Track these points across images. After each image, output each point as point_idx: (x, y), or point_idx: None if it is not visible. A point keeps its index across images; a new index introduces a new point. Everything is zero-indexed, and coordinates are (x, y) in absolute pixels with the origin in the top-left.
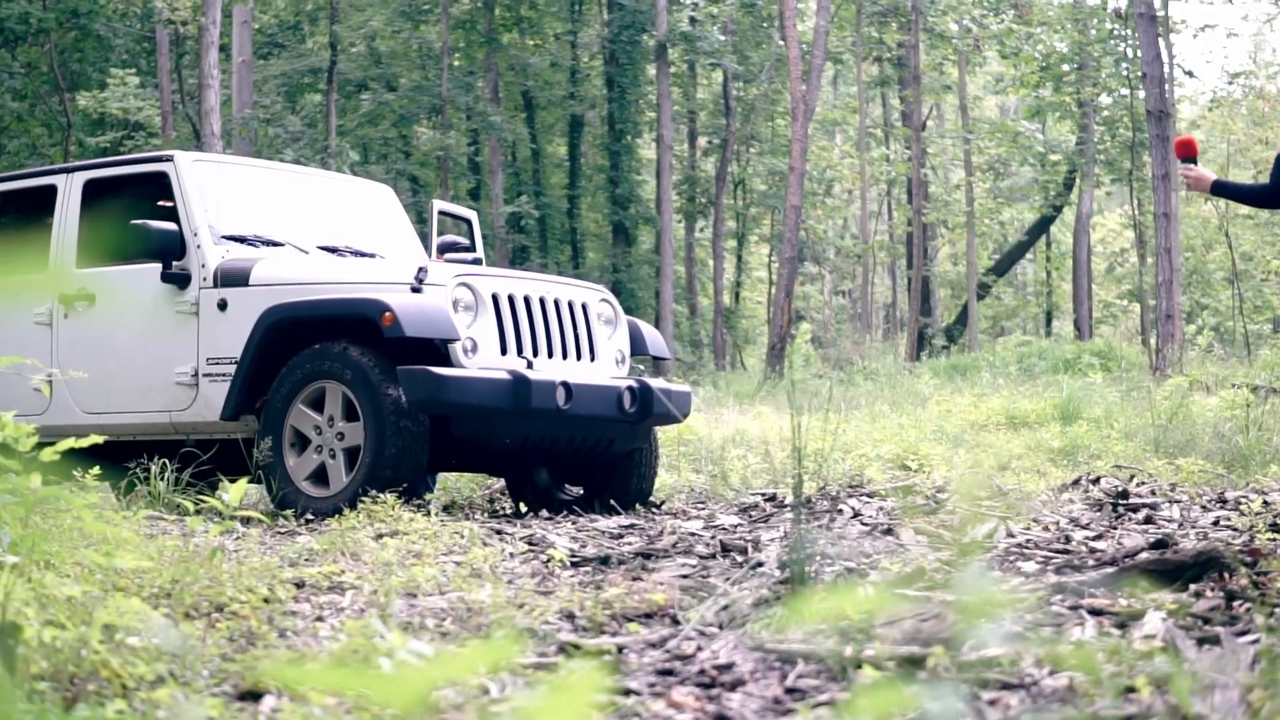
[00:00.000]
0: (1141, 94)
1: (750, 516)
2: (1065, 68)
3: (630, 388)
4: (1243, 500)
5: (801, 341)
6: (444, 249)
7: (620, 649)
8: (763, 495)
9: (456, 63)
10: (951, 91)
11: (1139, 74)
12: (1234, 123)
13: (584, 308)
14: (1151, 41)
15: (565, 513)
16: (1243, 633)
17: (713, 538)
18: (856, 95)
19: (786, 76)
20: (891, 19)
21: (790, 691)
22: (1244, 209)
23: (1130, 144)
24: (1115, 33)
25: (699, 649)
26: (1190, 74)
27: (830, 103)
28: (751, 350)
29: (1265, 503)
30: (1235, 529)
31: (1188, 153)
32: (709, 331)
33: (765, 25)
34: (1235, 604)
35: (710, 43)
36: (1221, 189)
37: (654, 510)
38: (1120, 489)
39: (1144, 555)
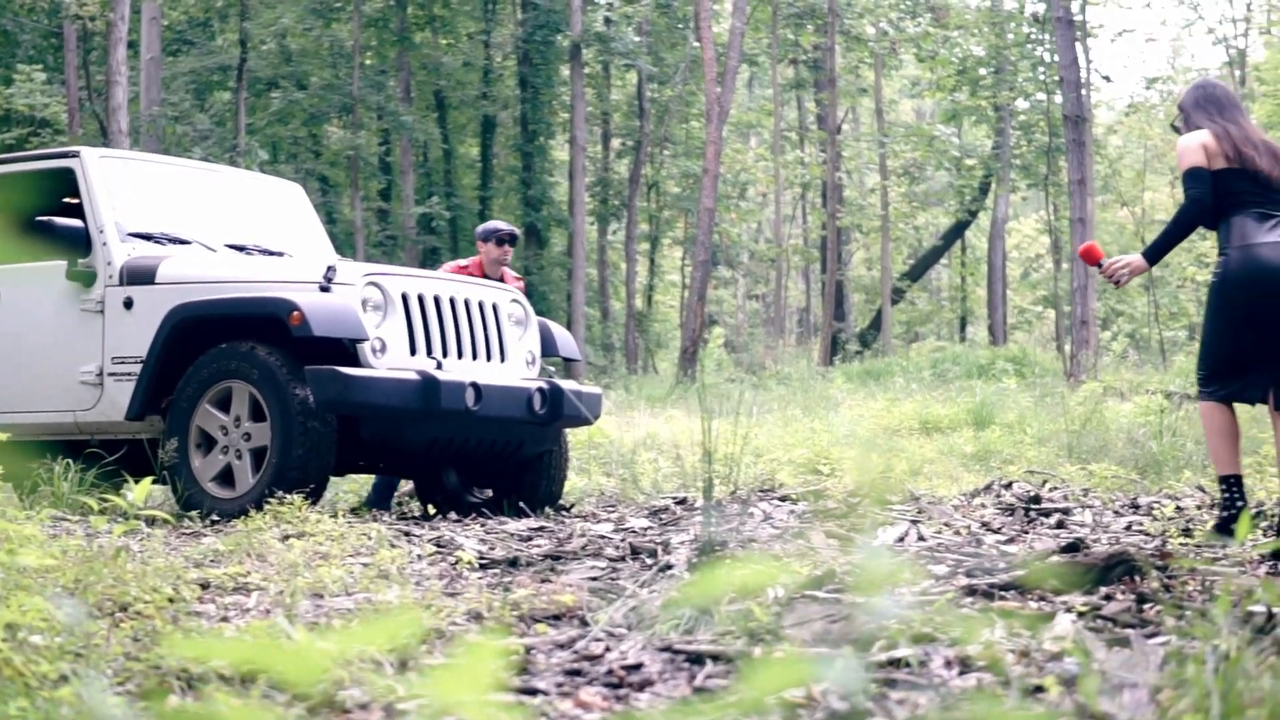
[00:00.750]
0: (1058, 99)
1: (660, 519)
2: (982, 72)
3: (540, 389)
4: (1155, 505)
5: (714, 345)
6: (486, 235)
7: (528, 650)
8: (673, 498)
9: (368, 61)
10: (867, 95)
11: (1056, 79)
12: (1150, 128)
13: (494, 308)
14: (1069, 46)
15: (474, 515)
16: (1152, 635)
17: (622, 540)
18: (772, 98)
19: (701, 78)
20: (808, 21)
21: (698, 691)
22: (1161, 214)
23: (1046, 149)
24: (1033, 37)
25: (607, 650)
26: (1107, 79)
27: (745, 105)
28: (664, 354)
29: (1178, 508)
30: (1147, 534)
31: (1094, 257)
32: (621, 335)
33: (680, 26)
34: (1145, 606)
35: (625, 44)
36: (1155, 251)
37: (563, 513)
38: (1033, 494)
39: (1055, 559)
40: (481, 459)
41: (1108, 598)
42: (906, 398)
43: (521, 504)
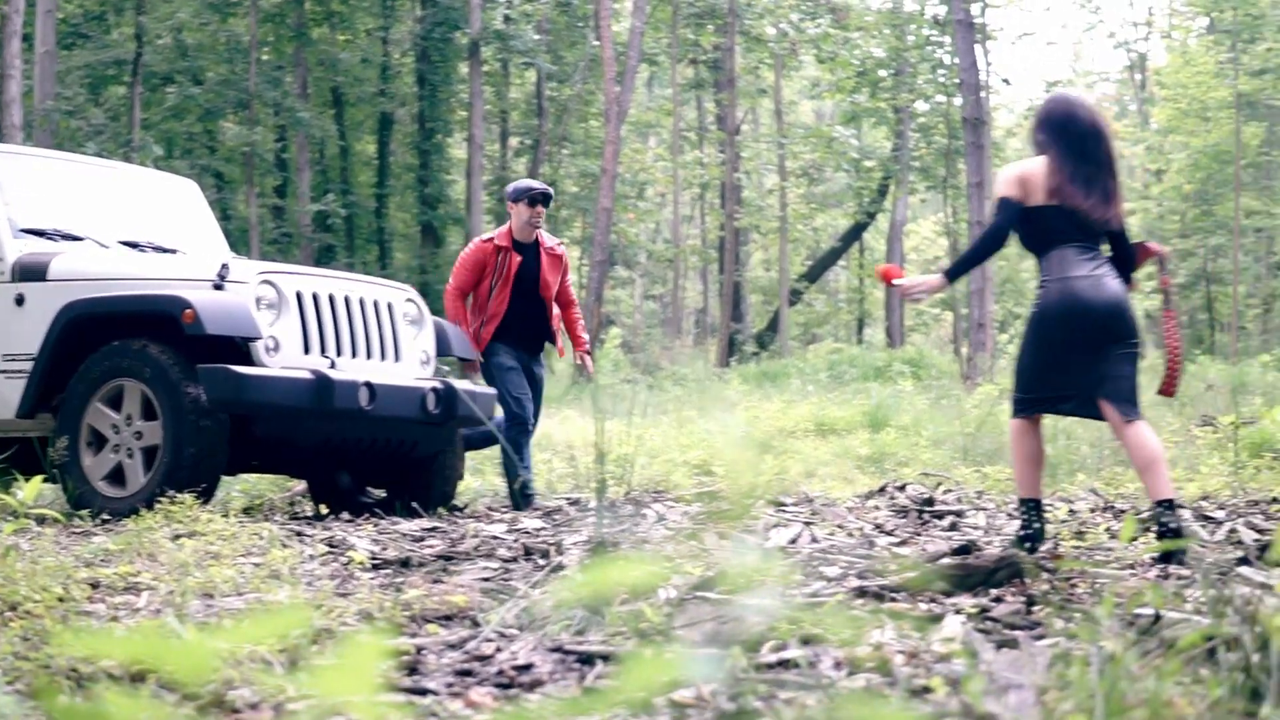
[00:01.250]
0: (958, 101)
1: (554, 520)
2: (882, 74)
3: (435, 389)
4: (1048, 508)
5: (611, 346)
6: (517, 195)
7: (419, 649)
8: (567, 499)
9: (265, 57)
10: (767, 95)
11: (956, 81)
12: None
13: (389, 308)
14: (969, 49)
15: (367, 515)
16: (1040, 636)
17: (515, 541)
18: (671, 97)
19: (601, 77)
20: (708, 21)
21: (589, 691)
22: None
23: (945, 151)
24: (933, 39)
25: (498, 650)
26: (1007, 82)
27: (644, 105)
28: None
29: (1071, 511)
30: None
31: (892, 277)
32: None
33: (580, 25)
34: (1034, 608)
35: (524, 42)
36: (955, 272)
37: (456, 513)
38: (926, 496)
39: (946, 560)
40: (375, 459)
41: (997, 600)
42: (803, 399)
43: (414, 504)
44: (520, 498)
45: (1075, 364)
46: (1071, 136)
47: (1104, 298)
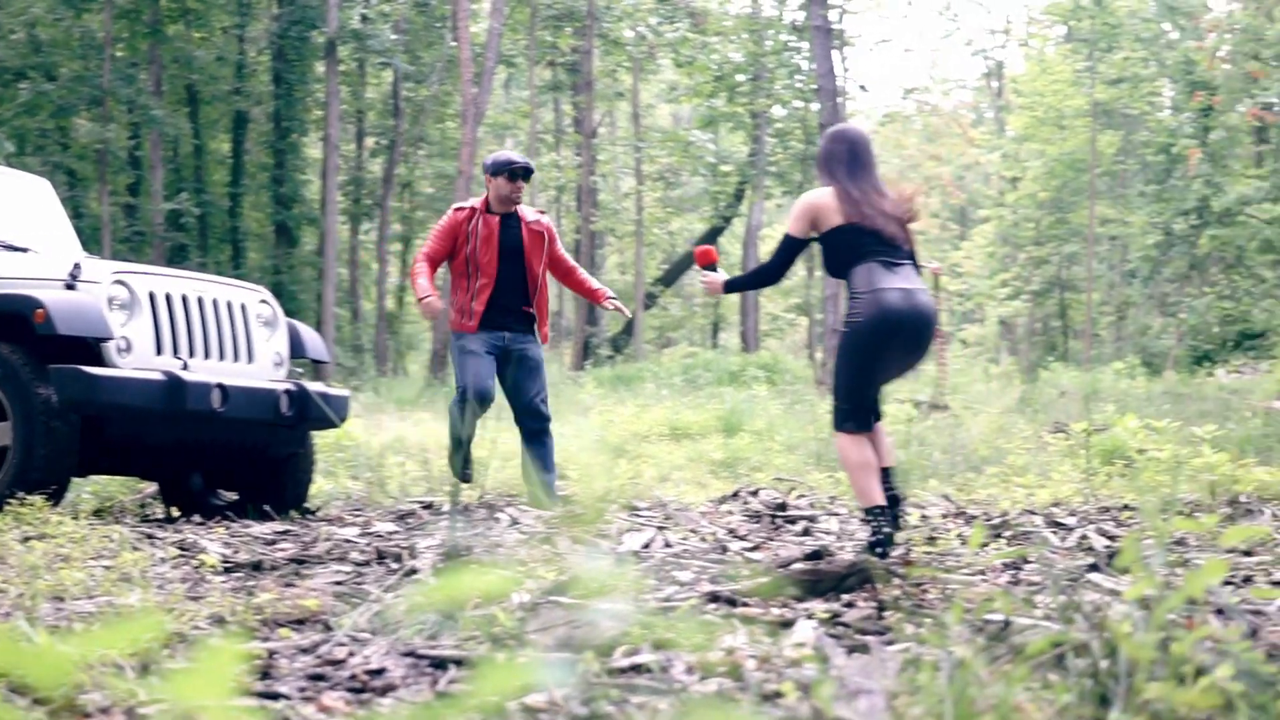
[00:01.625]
0: (815, 107)
1: (407, 524)
2: (740, 78)
3: (288, 391)
4: (900, 514)
5: None
6: (497, 168)
7: (271, 654)
8: (420, 503)
9: (119, 53)
10: (625, 99)
11: (813, 87)
12: (906, 138)
13: (243, 309)
14: (826, 55)
15: (218, 517)
16: (892, 642)
17: (368, 544)
18: (528, 99)
19: (458, 78)
20: (566, 24)
21: (441, 696)
22: (915, 224)
23: (802, 157)
24: (790, 45)
25: (350, 654)
26: (864, 88)
27: (501, 106)
28: (415, 356)
29: (923, 516)
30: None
31: (707, 260)
32: (371, 336)
33: (438, 26)
34: (886, 614)
35: (381, 41)
36: (733, 287)
37: (309, 516)
38: (780, 501)
39: (799, 566)
40: (227, 461)
41: (849, 605)
42: (657, 403)
43: (267, 507)
44: (461, 473)
45: (883, 374)
46: (855, 168)
47: (916, 309)
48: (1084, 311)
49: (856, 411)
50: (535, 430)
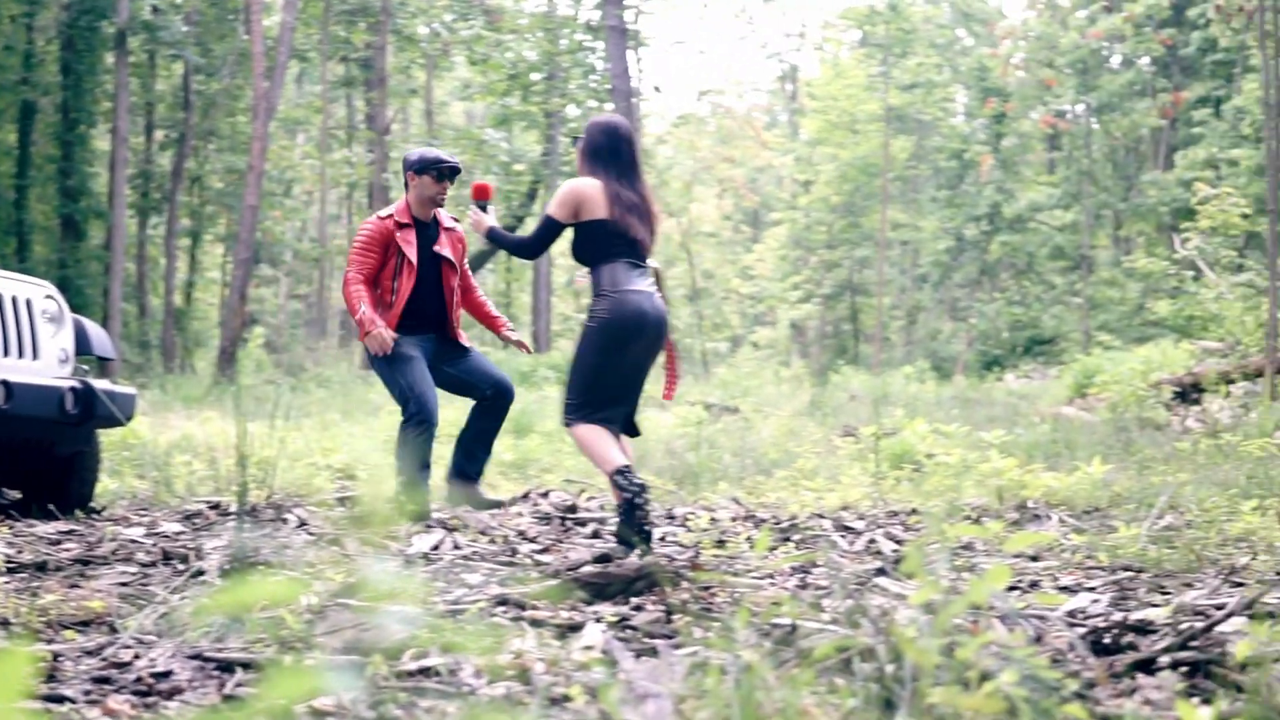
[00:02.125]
0: (610, 107)
1: (194, 524)
2: (534, 77)
3: (73, 389)
4: (690, 516)
5: (254, 346)
6: (421, 166)
7: (55, 656)
8: (207, 503)
9: None
10: (418, 96)
11: (608, 87)
12: (699, 140)
13: (28, 304)
14: (621, 55)
15: (1, 517)
16: (680, 645)
17: (154, 545)
18: (321, 94)
19: (250, 72)
20: (360, 19)
21: (228, 699)
22: (708, 226)
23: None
24: (585, 45)
25: (136, 657)
26: (658, 89)
27: (293, 101)
28: (202, 353)
29: (713, 520)
30: (682, 545)
31: (481, 196)
32: (159, 332)
33: (230, 18)
34: (674, 618)
35: (172, 33)
36: (493, 236)
37: (94, 516)
38: (569, 503)
39: (588, 569)
40: (10, 459)
41: (637, 609)
42: (447, 403)
43: (51, 506)
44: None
45: (621, 373)
46: (620, 165)
47: (657, 314)
48: (875, 315)
49: (588, 405)
50: (498, 398)
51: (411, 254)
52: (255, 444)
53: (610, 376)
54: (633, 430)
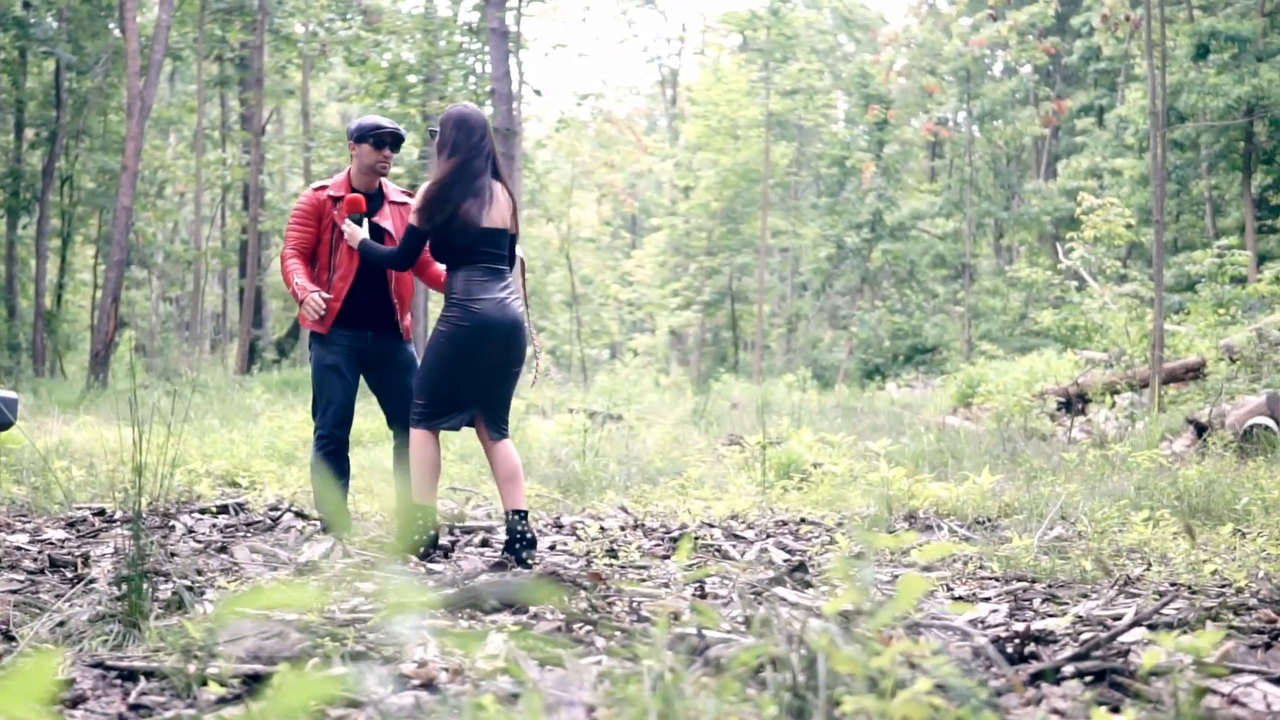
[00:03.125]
0: (490, 110)
1: (79, 531)
2: (412, 79)
3: None
4: (579, 525)
5: (125, 349)
6: (361, 134)
7: None
8: (91, 509)
9: None
10: (295, 96)
11: (488, 90)
12: (579, 144)
13: None
14: (502, 57)
15: None
16: (584, 654)
17: (40, 552)
18: (195, 94)
19: (123, 70)
20: (236, 18)
21: (135, 708)
22: (587, 231)
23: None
24: (465, 46)
25: None
26: (538, 93)
27: (166, 100)
28: (72, 356)
29: (602, 528)
30: (572, 554)
31: (354, 209)
32: (28, 334)
33: (103, 15)
34: (574, 627)
35: (44, 29)
36: (365, 250)
37: None
38: (456, 511)
39: (484, 578)
40: None
41: (535, 617)
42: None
43: None
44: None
45: (472, 381)
46: (473, 155)
47: (508, 319)
48: (755, 323)
49: (433, 409)
50: (409, 443)
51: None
52: (134, 450)
53: (455, 382)
54: (501, 432)
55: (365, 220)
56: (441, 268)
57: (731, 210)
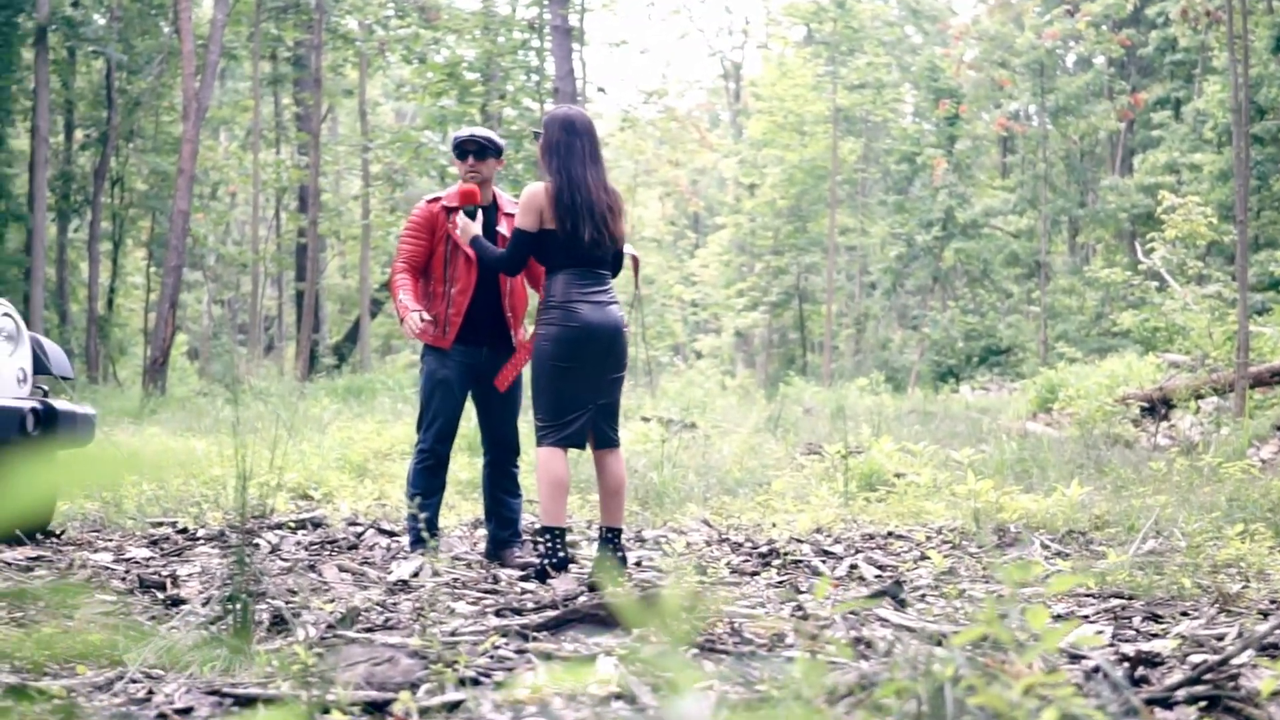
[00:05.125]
0: (551, 108)
1: (162, 549)
2: (472, 77)
3: (34, 409)
4: (663, 539)
5: (176, 354)
6: (452, 146)
7: (70, 692)
8: (172, 525)
9: None
10: (352, 95)
11: (550, 88)
12: (644, 142)
13: None
14: (565, 56)
15: None
16: (695, 679)
17: (127, 572)
18: (249, 92)
19: (176, 70)
20: (292, 15)
21: None
22: (650, 230)
23: (535, 160)
24: (527, 44)
25: (150, 693)
26: (602, 90)
27: (218, 99)
28: (124, 362)
29: (688, 544)
30: (660, 570)
31: (468, 201)
32: (81, 340)
33: (154, 13)
34: (680, 649)
35: (94, 29)
36: (477, 246)
37: (56, 540)
38: (538, 525)
39: (584, 600)
40: None
41: (643, 640)
42: (396, 419)
43: (18, 531)
44: (417, 536)
45: (580, 385)
46: (576, 160)
47: (609, 323)
48: (823, 323)
49: (556, 424)
50: (500, 461)
51: (454, 240)
52: (209, 462)
53: (568, 388)
54: (611, 441)
55: (479, 214)
56: (541, 269)
57: (798, 208)
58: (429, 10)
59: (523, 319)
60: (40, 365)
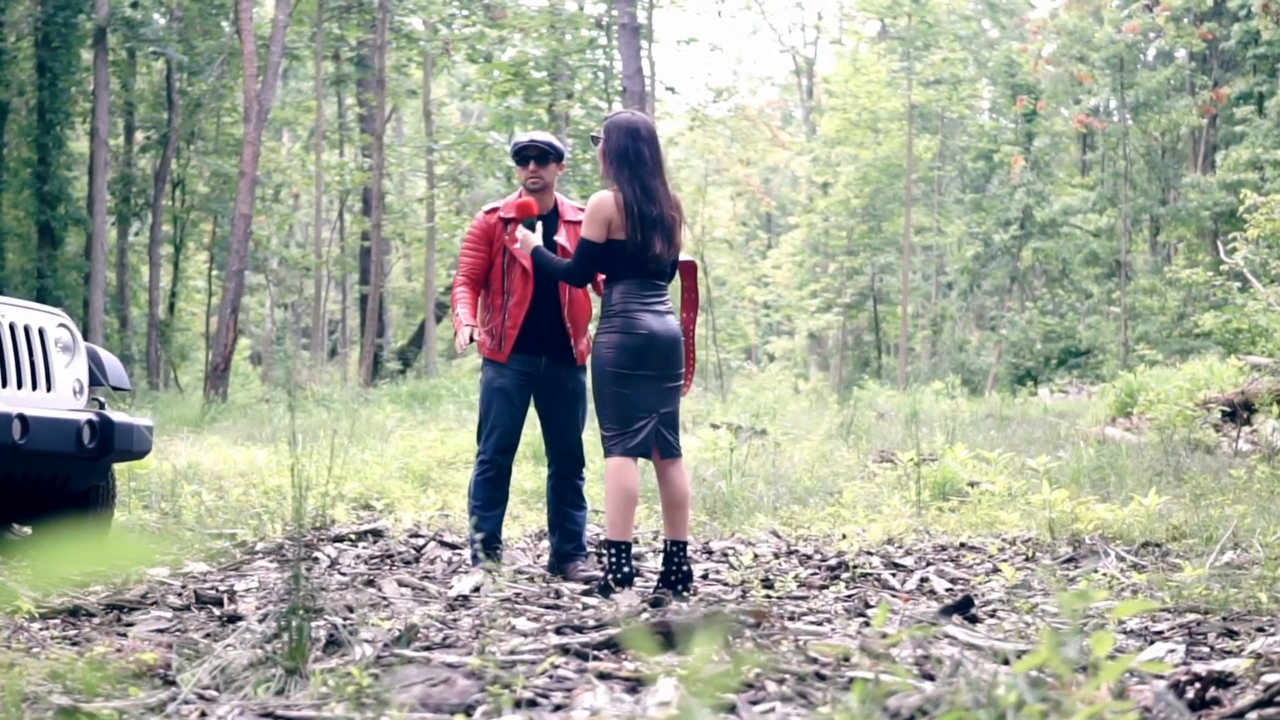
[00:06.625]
0: (618, 107)
1: (220, 563)
2: (538, 76)
3: (90, 421)
4: (730, 551)
5: (239, 358)
6: (511, 152)
7: (122, 715)
8: (230, 539)
9: None
10: (416, 96)
11: (619, 87)
12: (713, 141)
13: (40, 333)
14: (633, 54)
15: (19, 557)
16: (756, 701)
17: (183, 587)
18: (312, 93)
19: (237, 71)
20: (355, 15)
21: None
22: (720, 231)
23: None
24: (594, 42)
25: (204, 714)
26: (671, 89)
27: (280, 100)
28: (186, 367)
29: (755, 556)
30: (726, 583)
31: (525, 213)
32: (142, 345)
33: (214, 14)
34: (744, 669)
35: (154, 30)
36: (539, 258)
37: None
38: (603, 538)
39: (646, 616)
40: (25, 495)
41: (704, 659)
42: (460, 426)
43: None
44: (484, 551)
45: (642, 392)
46: (644, 168)
47: (668, 333)
48: (898, 325)
49: (622, 433)
50: (565, 473)
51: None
52: (267, 472)
53: (631, 395)
54: (673, 451)
55: (539, 225)
56: (602, 277)
57: (872, 207)
58: (494, 8)
59: (585, 329)
60: (95, 378)
